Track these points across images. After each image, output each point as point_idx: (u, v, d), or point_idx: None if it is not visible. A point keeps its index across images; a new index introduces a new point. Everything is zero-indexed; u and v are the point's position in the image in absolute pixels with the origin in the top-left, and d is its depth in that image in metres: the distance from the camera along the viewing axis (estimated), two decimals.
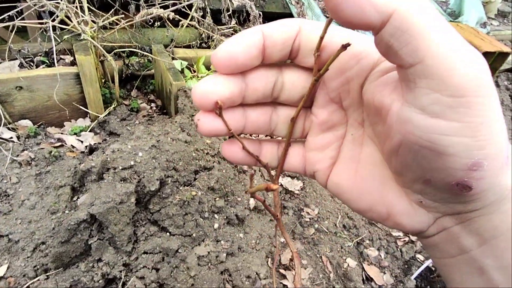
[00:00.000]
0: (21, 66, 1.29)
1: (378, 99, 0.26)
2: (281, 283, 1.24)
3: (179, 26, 1.76)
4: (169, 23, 1.71)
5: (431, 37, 0.19)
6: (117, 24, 1.42)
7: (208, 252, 1.15)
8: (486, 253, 0.24)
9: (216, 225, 1.21)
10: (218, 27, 1.94)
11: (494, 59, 2.76)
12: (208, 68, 1.80)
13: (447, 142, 0.20)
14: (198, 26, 1.81)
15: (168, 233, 1.12)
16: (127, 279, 1.02)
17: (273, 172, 0.35)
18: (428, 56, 0.20)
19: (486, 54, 2.66)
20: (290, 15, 2.41)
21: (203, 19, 1.83)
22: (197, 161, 1.24)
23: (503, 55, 2.71)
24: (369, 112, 0.28)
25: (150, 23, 1.72)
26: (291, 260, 1.35)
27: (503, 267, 0.24)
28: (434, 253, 0.29)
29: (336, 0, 0.20)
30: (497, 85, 3.06)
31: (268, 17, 2.13)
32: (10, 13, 1.15)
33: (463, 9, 3.27)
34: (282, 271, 1.30)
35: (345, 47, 0.24)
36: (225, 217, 1.25)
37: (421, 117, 0.21)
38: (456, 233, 0.25)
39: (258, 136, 1.48)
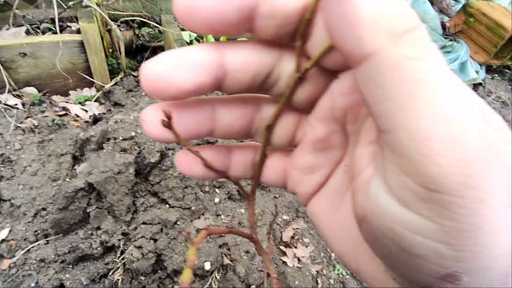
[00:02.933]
0: (27, 32, 1.29)
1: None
2: (280, 259, 1.23)
3: None
4: None
5: (412, 101, 0.14)
6: None
7: (208, 226, 1.14)
8: None
9: (216, 200, 1.20)
10: None
11: None
12: (217, 40, 1.76)
13: (413, 241, 0.16)
14: None
15: (167, 205, 1.11)
16: (125, 248, 1.04)
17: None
18: (401, 127, 0.14)
19: None
20: None
21: None
22: None
23: None
24: None
25: None
26: (293, 237, 1.33)
27: None
28: None
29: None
30: None
31: None
32: None
33: None
34: (282, 248, 1.29)
35: None
36: (226, 192, 1.24)
37: (387, 199, 0.17)
38: None
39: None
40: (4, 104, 1.15)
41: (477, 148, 0.14)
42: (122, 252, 1.04)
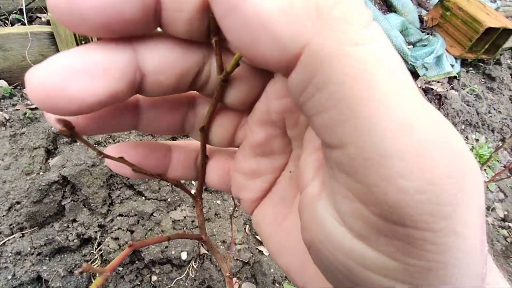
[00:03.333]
0: None
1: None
2: (257, 248, 1.27)
3: None
4: None
5: (364, 105, 0.10)
6: None
7: (184, 217, 1.17)
8: None
9: (193, 191, 1.22)
10: None
11: (497, 36, 2.67)
12: None
13: (370, 279, 0.13)
14: None
15: (143, 197, 1.13)
16: (102, 240, 1.05)
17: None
18: (352, 141, 0.11)
19: (490, 30, 2.58)
20: None
21: None
22: None
23: (507, 32, 2.62)
24: None
25: None
26: None
27: None
28: None
29: (220, 7, 0.12)
30: (499, 63, 2.97)
31: None
32: None
33: None
34: (258, 237, 1.33)
35: None
36: None
37: (337, 227, 0.13)
38: None
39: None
40: None
41: (448, 163, 0.11)
42: (99, 244, 1.05)
